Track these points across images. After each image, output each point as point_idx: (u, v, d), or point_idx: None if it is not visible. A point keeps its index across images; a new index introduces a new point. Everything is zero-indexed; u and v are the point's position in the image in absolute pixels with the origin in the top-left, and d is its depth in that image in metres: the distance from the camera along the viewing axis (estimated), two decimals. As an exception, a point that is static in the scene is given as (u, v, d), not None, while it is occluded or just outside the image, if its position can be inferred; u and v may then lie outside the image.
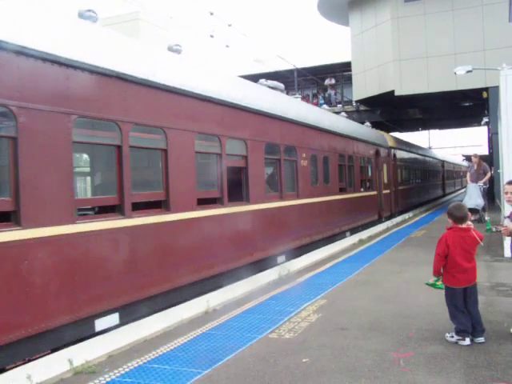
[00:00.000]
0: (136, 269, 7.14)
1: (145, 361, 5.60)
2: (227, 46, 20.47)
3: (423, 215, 25.15)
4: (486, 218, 16.42)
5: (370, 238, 16.34)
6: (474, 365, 5.09)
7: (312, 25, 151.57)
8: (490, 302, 7.46)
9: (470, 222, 5.95)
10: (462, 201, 20.40)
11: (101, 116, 6.70)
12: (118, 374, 5.22)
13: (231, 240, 9.56)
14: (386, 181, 22.29)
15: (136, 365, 5.48)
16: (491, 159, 23.22)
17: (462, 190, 52.95)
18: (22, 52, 5.64)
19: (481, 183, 17.81)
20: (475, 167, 18.26)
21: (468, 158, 58.98)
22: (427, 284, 6.13)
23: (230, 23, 16.77)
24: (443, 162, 47.68)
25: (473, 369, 4.99)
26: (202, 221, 8.66)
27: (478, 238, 5.87)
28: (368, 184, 19.95)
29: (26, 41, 5.71)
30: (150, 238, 7.45)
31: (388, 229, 19.13)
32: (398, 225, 20.69)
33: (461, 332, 5.76)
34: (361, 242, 15.27)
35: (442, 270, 5.92)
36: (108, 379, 5.10)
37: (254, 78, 20.89)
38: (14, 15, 5.78)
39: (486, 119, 28.80)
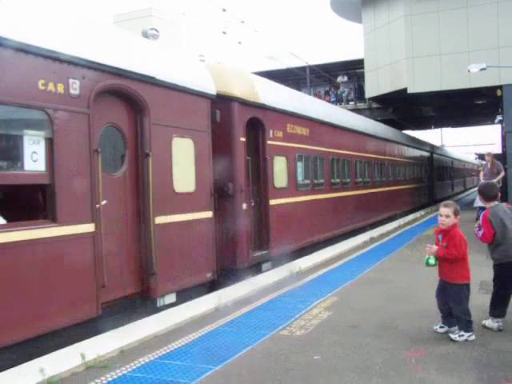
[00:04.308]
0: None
1: (156, 356, 5.62)
2: (240, 43, 20.48)
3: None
4: (499, 217, 16.36)
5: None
6: (487, 364, 5.06)
7: (325, 22, 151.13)
8: None
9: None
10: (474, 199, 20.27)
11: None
12: (129, 369, 5.25)
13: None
14: (186, 188, 8.63)
15: (147, 360, 5.50)
16: (504, 158, 23.03)
17: (464, 195, 49.06)
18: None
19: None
20: (488, 166, 18.12)
21: (481, 157, 58.29)
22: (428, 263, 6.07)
23: (243, 20, 16.79)
24: (431, 153, 34.13)
25: (485, 368, 4.96)
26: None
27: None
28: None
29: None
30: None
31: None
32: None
33: (470, 327, 5.85)
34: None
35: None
36: (120, 374, 5.13)
37: (267, 75, 20.90)
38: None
39: (499, 117, 28.54)
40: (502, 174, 18.03)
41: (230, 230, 9.94)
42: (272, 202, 11.29)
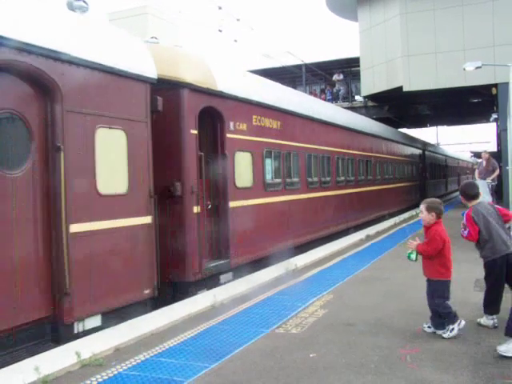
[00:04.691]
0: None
1: (152, 354, 5.62)
2: (235, 41, 20.41)
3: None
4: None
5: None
6: (482, 361, 5.07)
7: (321, 20, 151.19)
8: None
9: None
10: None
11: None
12: (125, 367, 5.24)
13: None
14: (115, 188, 7.33)
15: (143, 358, 5.50)
16: (499, 156, 23.09)
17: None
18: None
19: (489, 180, 17.72)
20: (484, 164, 18.18)
21: (476, 155, 58.19)
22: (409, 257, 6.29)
23: (239, 18, 16.73)
24: (423, 150, 32.51)
25: (480, 365, 4.98)
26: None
27: None
28: None
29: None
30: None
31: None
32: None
33: (453, 318, 5.89)
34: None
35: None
36: (115, 372, 5.12)
37: (262, 73, 20.87)
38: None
39: (494, 116, 28.61)
40: (497, 171, 18.08)
41: (178, 237, 8.52)
42: (233, 204, 9.84)
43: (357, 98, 31.98)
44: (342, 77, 32.82)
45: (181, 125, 8.66)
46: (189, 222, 8.64)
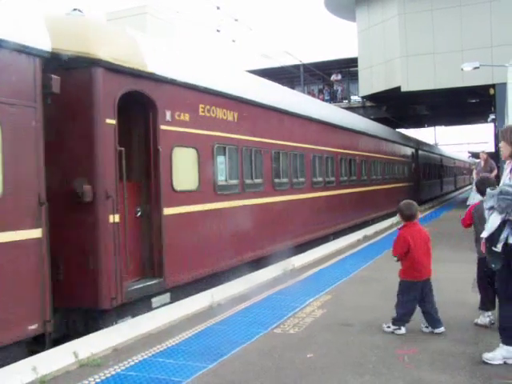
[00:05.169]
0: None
1: (149, 354, 5.61)
2: (234, 41, 20.44)
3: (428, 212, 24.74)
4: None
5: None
6: (479, 362, 5.08)
7: (319, 20, 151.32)
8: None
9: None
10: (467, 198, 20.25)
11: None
12: (122, 367, 5.24)
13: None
14: None
15: (141, 358, 5.49)
16: (497, 156, 23.13)
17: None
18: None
19: (487, 180, 17.70)
20: (482, 164, 18.19)
21: (474, 155, 58.14)
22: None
23: (237, 18, 16.67)
24: (417, 149, 30.33)
25: (478, 366, 4.98)
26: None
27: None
28: None
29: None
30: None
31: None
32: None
33: (398, 321, 6.06)
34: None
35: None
36: (113, 372, 5.12)
37: (261, 73, 20.88)
38: None
39: (492, 116, 28.68)
40: (495, 172, 18.08)
41: (88, 253, 6.83)
42: (169, 210, 8.09)
43: (354, 98, 32.01)
44: (340, 77, 32.87)
45: (92, 112, 6.91)
46: (102, 234, 6.88)
